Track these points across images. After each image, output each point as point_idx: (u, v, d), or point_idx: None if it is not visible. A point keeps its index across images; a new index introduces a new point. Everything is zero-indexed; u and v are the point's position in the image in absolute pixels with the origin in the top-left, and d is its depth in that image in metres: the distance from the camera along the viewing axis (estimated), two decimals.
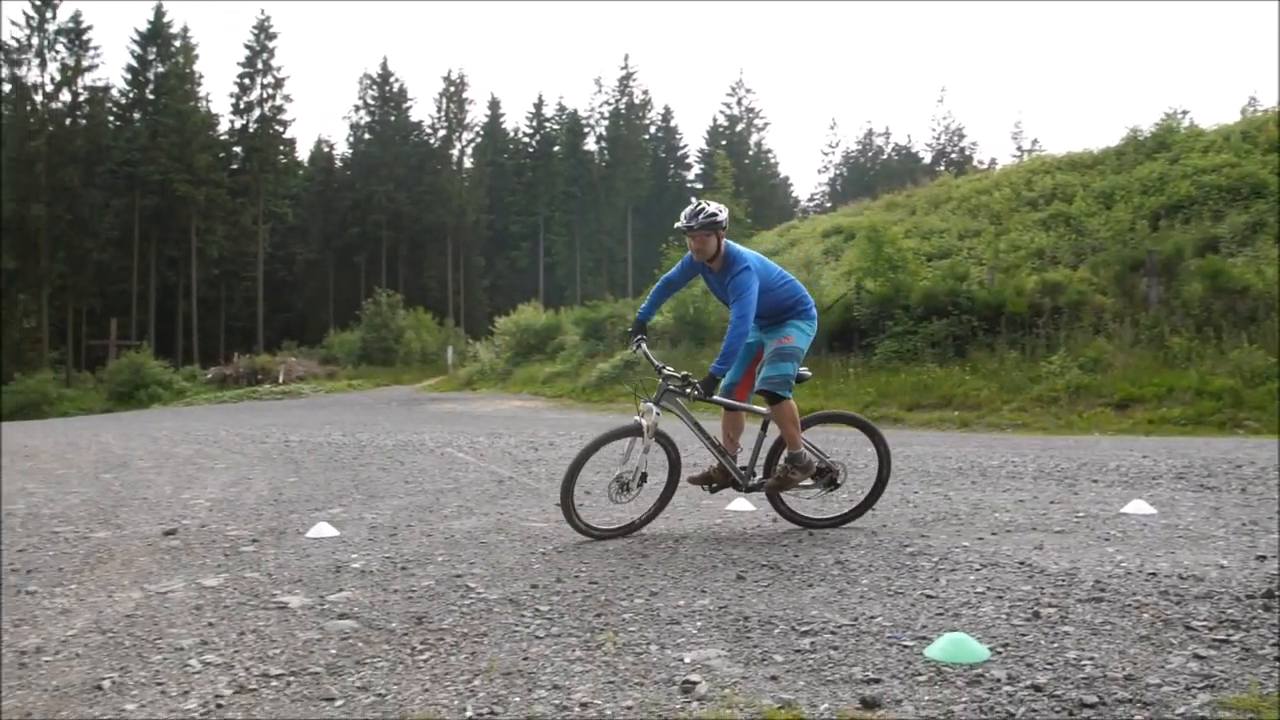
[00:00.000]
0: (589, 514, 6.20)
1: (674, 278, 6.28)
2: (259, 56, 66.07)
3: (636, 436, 5.85)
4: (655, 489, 6.10)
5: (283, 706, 3.35)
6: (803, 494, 6.31)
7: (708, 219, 5.73)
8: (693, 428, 6.01)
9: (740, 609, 4.28)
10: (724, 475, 6.10)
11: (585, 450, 5.89)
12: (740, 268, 5.72)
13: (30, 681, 3.70)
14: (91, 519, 7.31)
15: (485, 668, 3.65)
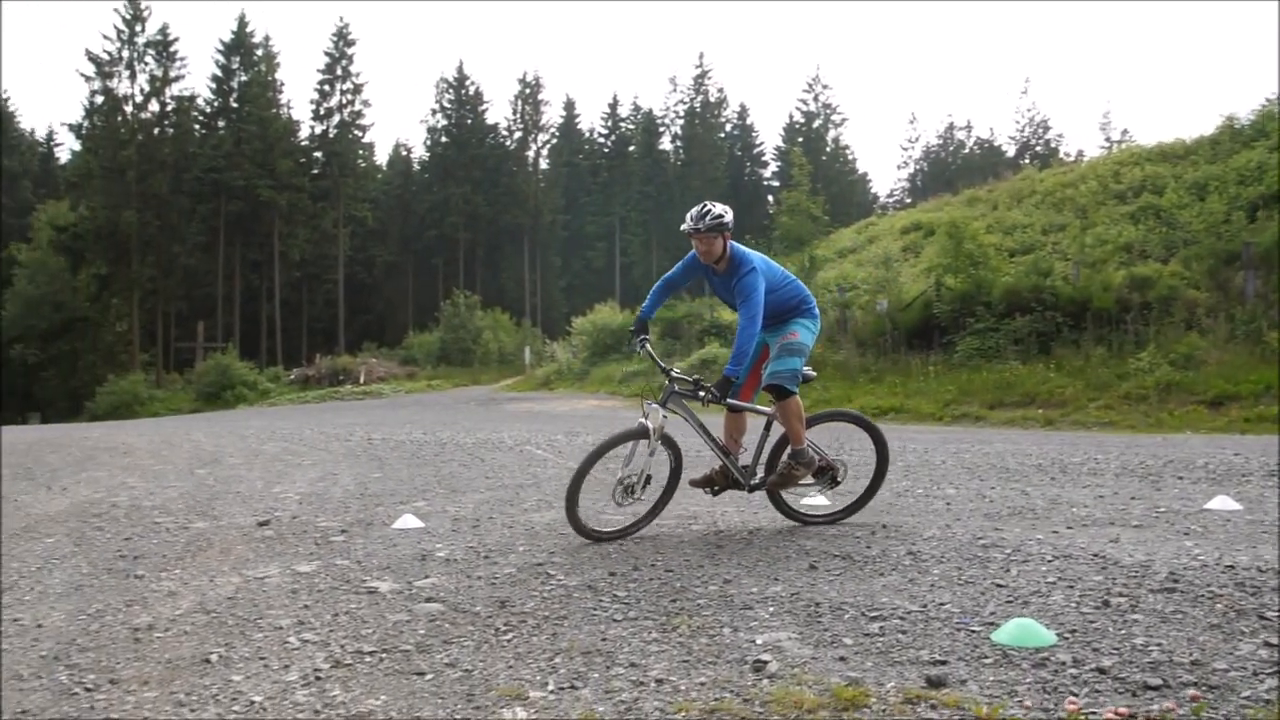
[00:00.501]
0: (585, 515, 6.08)
1: (674, 277, 6.24)
2: (338, 63, 67.59)
3: (642, 439, 5.82)
4: (655, 491, 6.09)
5: (376, 680, 3.60)
6: (802, 492, 6.36)
7: (715, 220, 5.69)
8: (698, 430, 6.01)
9: (812, 595, 4.43)
10: (725, 478, 6.11)
11: (592, 455, 5.85)
12: (747, 269, 5.71)
13: (144, 654, 4.01)
14: (190, 511, 7.72)
15: (565, 647, 3.86)
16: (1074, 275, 20.98)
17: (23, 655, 4.09)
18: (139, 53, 59.28)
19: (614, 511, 6.47)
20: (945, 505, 6.96)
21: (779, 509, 6.29)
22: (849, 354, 22.69)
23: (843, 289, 27.43)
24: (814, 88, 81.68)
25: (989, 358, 19.78)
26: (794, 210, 29.15)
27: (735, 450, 6.15)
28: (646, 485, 5.90)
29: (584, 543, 5.85)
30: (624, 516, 6.22)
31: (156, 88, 59.90)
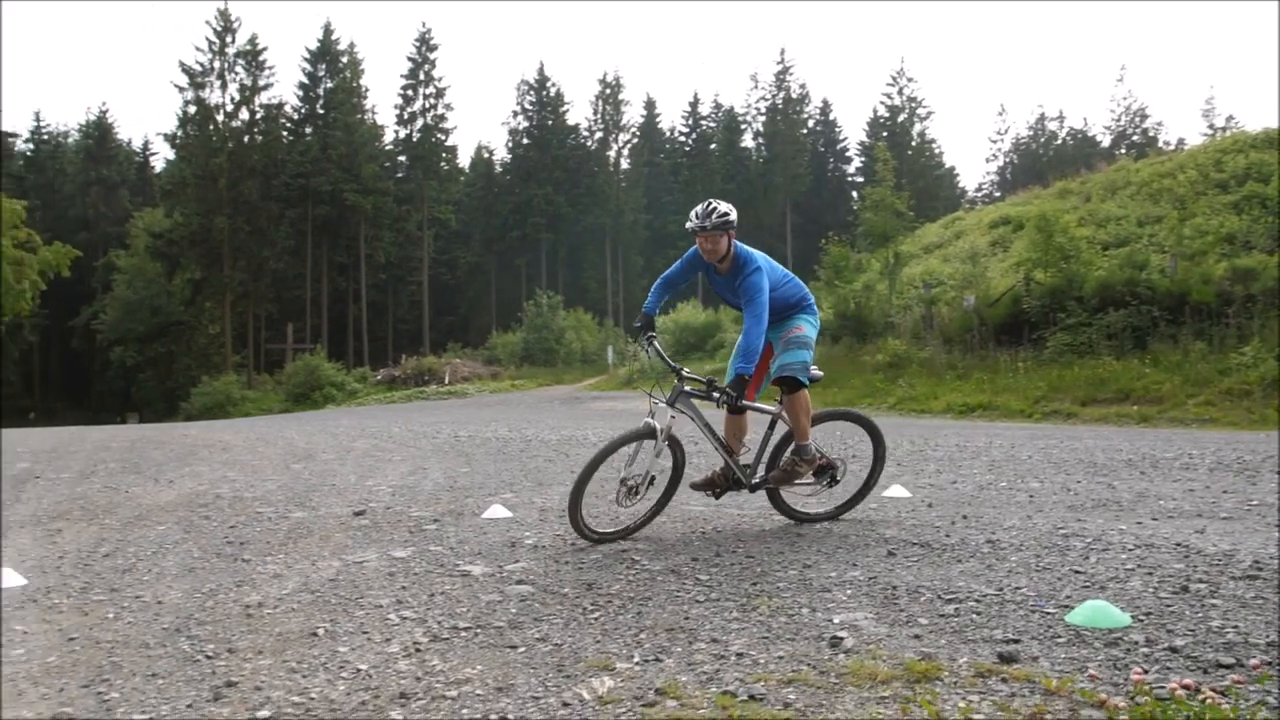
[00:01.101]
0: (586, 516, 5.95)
1: (674, 276, 6.20)
2: (421, 68, 68.95)
3: (648, 440, 5.76)
4: (656, 491, 6.05)
5: (472, 652, 3.85)
6: (800, 490, 6.30)
7: (720, 219, 5.66)
8: (704, 430, 5.97)
9: (889, 580, 4.58)
10: (727, 479, 6.04)
11: (598, 456, 5.72)
12: (752, 268, 5.70)
13: (256, 628, 4.33)
14: (288, 501, 8.11)
15: (650, 625, 4.07)
16: (1171, 268, 20.58)
17: (147, 627, 4.44)
18: (229, 63, 61.37)
19: (611, 510, 6.48)
20: (1028, 498, 7.01)
21: (777, 507, 6.27)
22: (935, 351, 22.55)
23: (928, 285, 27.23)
24: (898, 81, 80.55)
25: (1081, 353, 19.52)
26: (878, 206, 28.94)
27: (738, 451, 6.10)
28: (650, 485, 5.84)
29: (667, 532, 6.05)
30: (624, 516, 6.16)
31: (246, 96, 61.89)
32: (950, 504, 6.68)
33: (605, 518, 6.43)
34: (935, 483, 8.07)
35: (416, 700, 3.36)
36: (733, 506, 6.93)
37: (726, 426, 6.06)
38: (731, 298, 5.94)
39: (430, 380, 41.84)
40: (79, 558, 6.12)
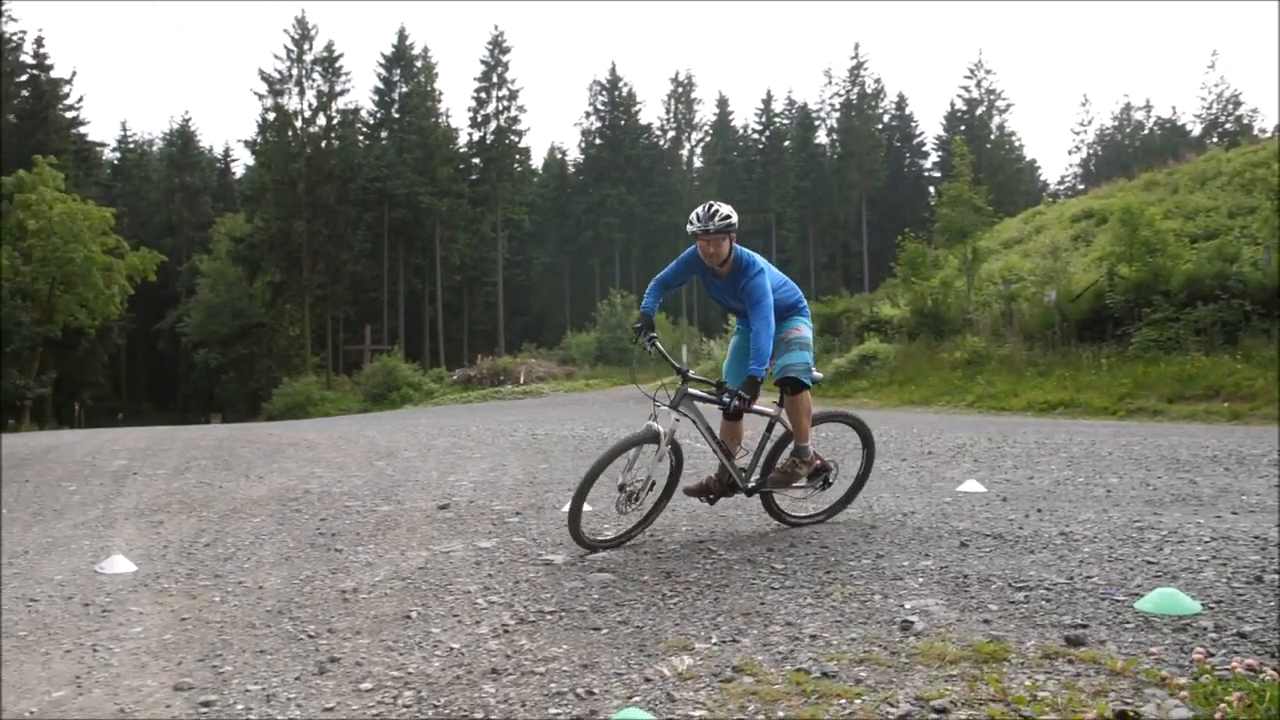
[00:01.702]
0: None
1: (670, 277, 6.09)
2: (494, 70, 69.85)
3: (650, 444, 5.66)
4: (653, 496, 5.91)
5: (558, 633, 4.08)
6: (793, 493, 6.19)
7: (724, 221, 5.59)
8: (705, 433, 5.88)
9: (961, 569, 4.71)
10: (722, 484, 5.94)
11: (600, 462, 5.57)
12: (755, 271, 5.67)
13: (353, 611, 4.61)
14: (375, 496, 8.45)
15: (727, 609, 4.27)
16: (1265, 260, 20.10)
17: (251, 610, 4.76)
18: (307, 70, 62.91)
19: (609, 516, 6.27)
20: (1105, 493, 7.04)
21: (769, 511, 6.18)
22: (1015, 347, 22.33)
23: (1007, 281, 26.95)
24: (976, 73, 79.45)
25: (1168, 349, 19.17)
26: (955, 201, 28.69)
27: (735, 455, 6.01)
28: (650, 490, 5.74)
29: (742, 524, 6.23)
30: (621, 523, 5.91)
31: (323, 102, 63.38)
32: (1025, 498, 6.75)
33: (601, 524, 6.27)
34: (1011, 478, 8.12)
35: (507, 676, 3.59)
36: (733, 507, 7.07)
37: (723, 430, 6.00)
38: (731, 301, 5.90)
39: (505, 380, 42.41)
40: (182, 547, 6.50)
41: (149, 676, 3.83)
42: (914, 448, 10.91)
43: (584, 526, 5.61)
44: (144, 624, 4.62)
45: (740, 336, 6.15)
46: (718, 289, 5.95)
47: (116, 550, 6.30)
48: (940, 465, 9.27)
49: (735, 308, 5.98)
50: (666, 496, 5.95)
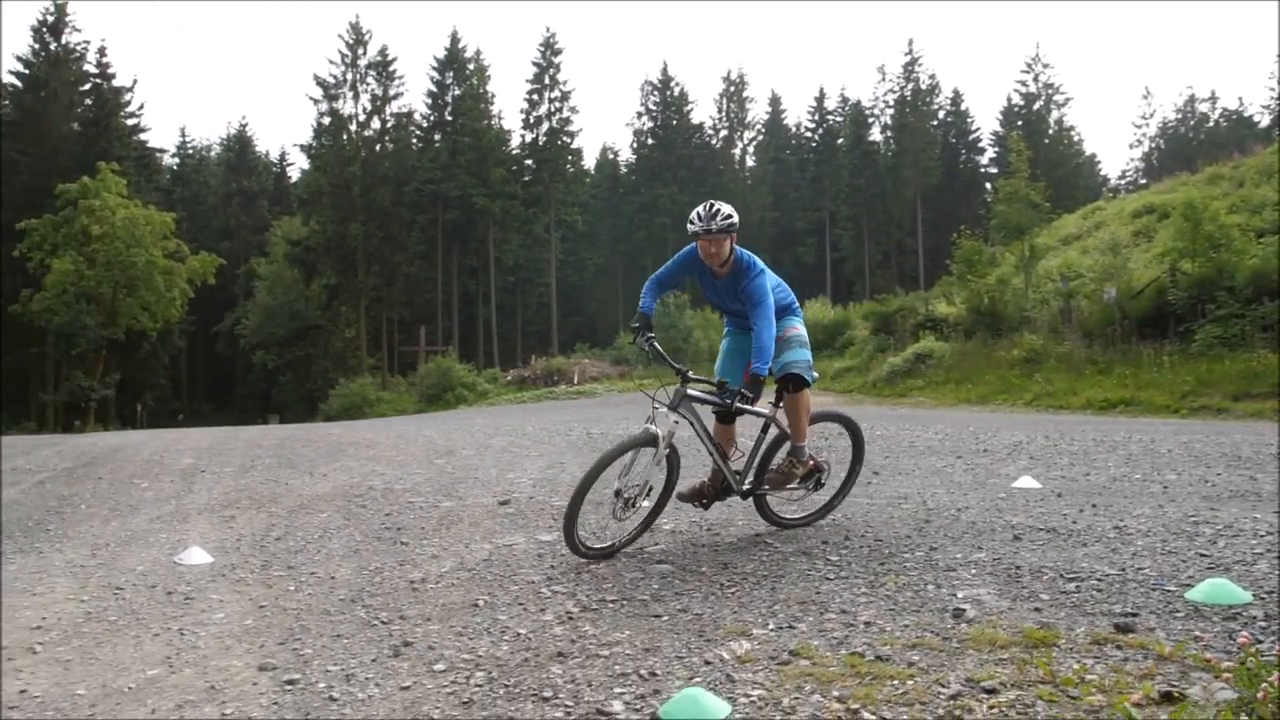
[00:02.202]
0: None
1: (666, 277, 6.01)
2: (546, 72, 70.31)
3: (647, 447, 5.54)
4: (649, 501, 5.75)
5: (620, 620, 4.26)
6: (786, 494, 6.11)
7: (725, 221, 5.55)
8: (703, 435, 5.79)
9: (1013, 560, 4.82)
10: (716, 489, 5.88)
11: (595, 467, 5.43)
12: (756, 272, 5.66)
13: (422, 599, 4.83)
14: (436, 492, 8.70)
15: (783, 598, 4.42)
16: None
17: (325, 598, 5.00)
18: (361, 74, 63.73)
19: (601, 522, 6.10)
20: (1162, 489, 7.08)
21: (762, 514, 6.13)
22: (1073, 345, 22.18)
23: (1066, 278, 26.72)
24: (1033, 67, 78.34)
25: (1232, 346, 18.95)
26: (1012, 198, 28.50)
27: (730, 458, 5.94)
28: (646, 496, 5.63)
29: None
30: (615, 530, 5.73)
31: (377, 106, 64.20)
32: (1080, 494, 6.81)
33: (592, 532, 5.94)
34: (1067, 475, 8.17)
35: (573, 659, 3.78)
36: None
37: (716, 433, 5.95)
38: (730, 302, 5.85)
39: (559, 380, 42.75)
40: (254, 540, 6.78)
41: (234, 658, 4.07)
42: (969, 445, 10.96)
43: (579, 534, 5.42)
44: (225, 610, 4.88)
45: (732, 338, 6.13)
46: (715, 290, 5.90)
47: (193, 543, 6.59)
48: (995, 462, 9.33)
49: (732, 309, 5.93)
50: (664, 502, 5.81)
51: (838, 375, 29.46)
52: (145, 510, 8.47)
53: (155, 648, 4.27)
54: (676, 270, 5.99)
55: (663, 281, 6.01)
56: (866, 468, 8.85)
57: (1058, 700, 3.02)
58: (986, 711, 2.98)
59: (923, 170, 72.68)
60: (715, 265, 5.68)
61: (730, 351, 6.09)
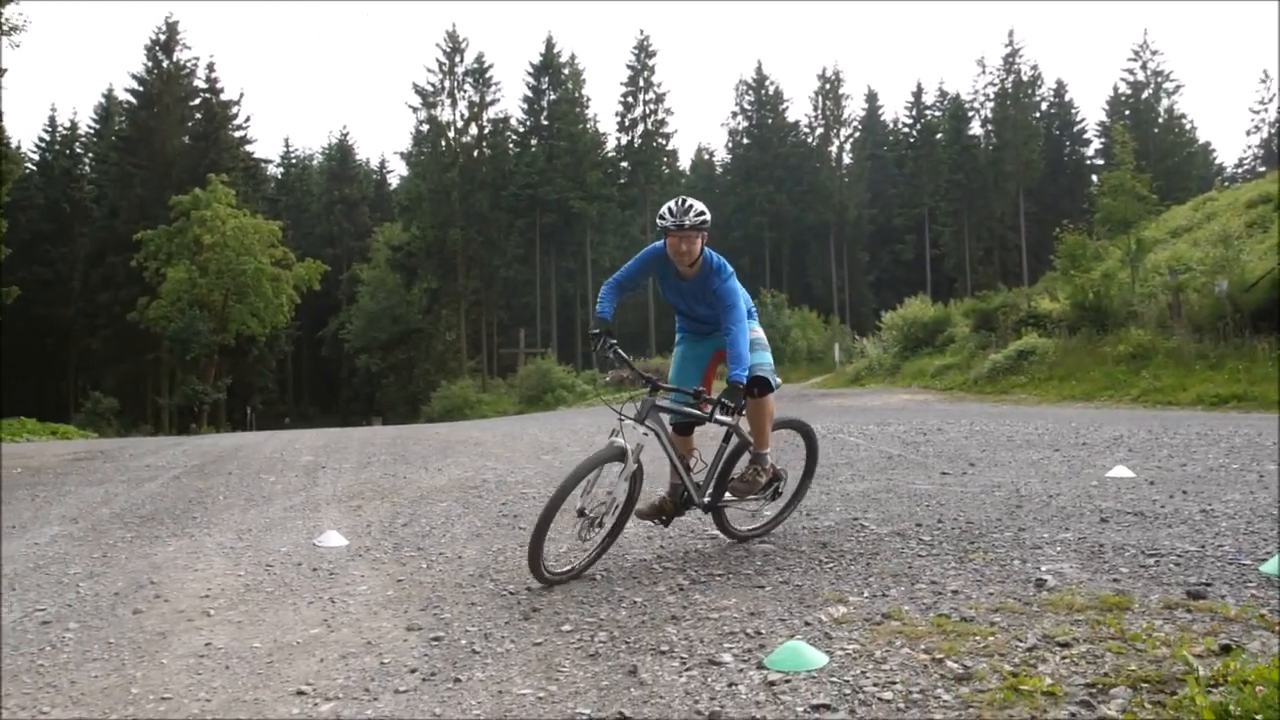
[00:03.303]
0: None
1: (626, 279, 5.77)
2: (640, 74, 71.09)
3: (613, 463, 5.30)
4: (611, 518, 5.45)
5: (727, 590, 4.71)
6: (745, 505, 5.92)
7: (699, 217, 5.31)
8: (669, 448, 5.49)
9: (1098, 539, 5.15)
10: (675, 504, 5.62)
11: (563, 488, 5.15)
12: (727, 274, 5.46)
13: None
14: (547, 484, 9.24)
15: (877, 571, 4.83)
16: None
17: (455, 574, 5.55)
18: (458, 82, 65.45)
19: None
20: (1258, 478, 7.25)
21: (721, 527, 5.89)
22: (1183, 340, 21.88)
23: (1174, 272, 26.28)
24: (1141, 55, 76.54)
25: None
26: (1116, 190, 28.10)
27: (691, 470, 5.67)
28: (611, 513, 5.37)
29: (893, 505, 6.72)
30: (577, 553, 5.40)
31: (475, 113, 65.84)
32: (1173, 482, 7.03)
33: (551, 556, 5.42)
34: (1164, 466, 8.36)
35: (685, 621, 4.24)
36: None
37: (675, 444, 5.64)
38: (695, 305, 5.63)
39: None
40: (383, 526, 7.39)
41: (383, 620, 4.63)
42: (1068, 439, 11.12)
43: (544, 561, 5.08)
44: (367, 584, 5.46)
45: (687, 345, 5.96)
46: (679, 292, 5.64)
47: (328, 528, 7.22)
48: (1093, 455, 9.51)
49: (698, 313, 5.68)
50: (624, 520, 5.49)
51: (937, 373, 29.38)
52: (278, 501, 9.18)
53: (311, 613, 4.85)
54: (638, 270, 5.73)
55: (622, 284, 5.75)
56: (962, 459, 9.19)
57: (1124, 652, 3.38)
58: (1058, 661, 3.35)
59: (1025, 164, 71.45)
60: (684, 265, 5.44)
61: (686, 359, 5.91)
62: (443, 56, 65.44)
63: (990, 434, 12.30)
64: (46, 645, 4.42)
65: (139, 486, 10.73)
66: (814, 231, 73.20)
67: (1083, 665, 3.31)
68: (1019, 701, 3.03)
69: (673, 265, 5.50)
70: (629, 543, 6.02)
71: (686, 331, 5.97)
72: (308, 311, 66.44)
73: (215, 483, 10.91)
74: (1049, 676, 3.20)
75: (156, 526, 7.83)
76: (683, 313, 5.83)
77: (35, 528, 7.94)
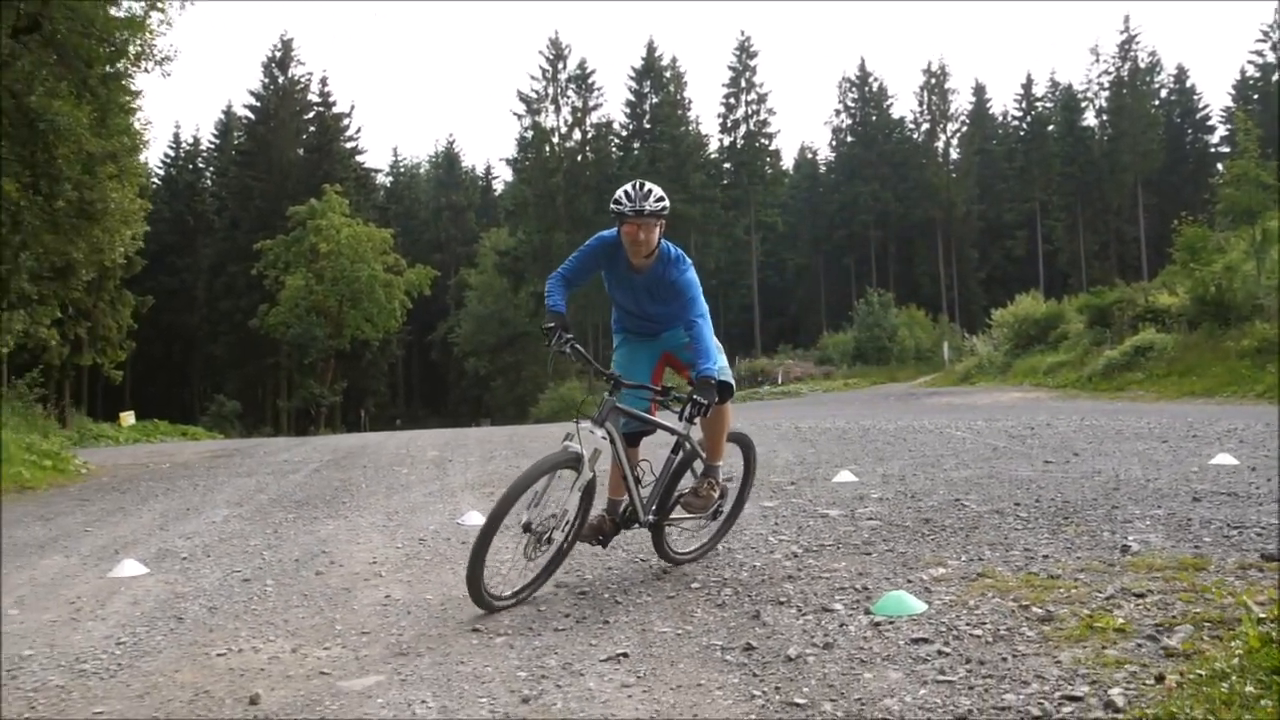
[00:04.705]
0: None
1: (574, 272, 5.25)
2: (742, 75, 71.54)
3: (565, 470, 4.84)
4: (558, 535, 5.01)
5: (837, 557, 5.29)
6: (685, 524, 5.56)
7: (659, 202, 4.87)
8: (622, 456, 5.05)
9: (1187, 515, 5.58)
10: (615, 522, 5.16)
11: (506, 498, 4.66)
12: (686, 265, 5.06)
13: None
14: None
15: (975, 542, 5.36)
16: None
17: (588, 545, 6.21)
18: (562, 88, 66.89)
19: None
20: None
21: (659, 548, 5.42)
22: None
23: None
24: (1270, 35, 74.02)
25: None
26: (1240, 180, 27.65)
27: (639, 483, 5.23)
28: (561, 527, 4.93)
29: (994, 488, 7.20)
30: (524, 574, 4.93)
31: (578, 118, 67.19)
32: (1276, 469, 7.34)
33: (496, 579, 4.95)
34: (1271, 455, 8.62)
35: (800, 580, 4.83)
36: None
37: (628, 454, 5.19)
38: (647, 302, 5.19)
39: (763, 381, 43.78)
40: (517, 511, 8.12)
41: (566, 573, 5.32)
42: (1179, 432, 11.34)
43: (485, 584, 4.61)
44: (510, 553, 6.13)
45: (630, 348, 5.49)
46: (630, 286, 5.18)
47: (468, 509, 7.97)
48: (1201, 446, 9.77)
49: (647, 310, 5.25)
50: (575, 536, 5.05)
51: (1050, 370, 29.26)
52: (415, 489, 10.01)
53: None
54: (588, 260, 5.26)
55: (569, 278, 5.23)
56: (1067, 450, 9.57)
57: (1193, 601, 3.86)
58: (1132, 608, 3.85)
59: (1143, 154, 69.76)
60: (640, 255, 4.99)
61: (630, 363, 5.38)
62: (546, 63, 66.98)
63: (1099, 428, 12.56)
64: (253, 596, 5.25)
65: (285, 478, 11.74)
66: (921, 229, 72.57)
67: (1154, 610, 3.80)
68: (1093, 636, 3.55)
69: (624, 257, 5.06)
70: (746, 521, 6.62)
71: (629, 332, 5.50)
72: (418, 316, 68.41)
73: (354, 474, 11.83)
74: (1122, 618, 3.72)
75: (313, 510, 8.71)
76: (629, 310, 5.37)
77: (207, 510, 8.92)
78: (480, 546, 4.50)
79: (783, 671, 3.51)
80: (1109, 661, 3.28)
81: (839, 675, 3.42)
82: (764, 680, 3.44)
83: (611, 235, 5.13)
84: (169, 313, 60.46)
